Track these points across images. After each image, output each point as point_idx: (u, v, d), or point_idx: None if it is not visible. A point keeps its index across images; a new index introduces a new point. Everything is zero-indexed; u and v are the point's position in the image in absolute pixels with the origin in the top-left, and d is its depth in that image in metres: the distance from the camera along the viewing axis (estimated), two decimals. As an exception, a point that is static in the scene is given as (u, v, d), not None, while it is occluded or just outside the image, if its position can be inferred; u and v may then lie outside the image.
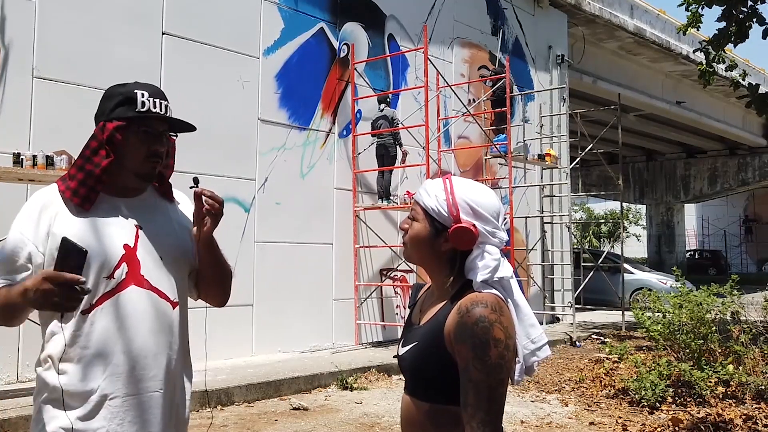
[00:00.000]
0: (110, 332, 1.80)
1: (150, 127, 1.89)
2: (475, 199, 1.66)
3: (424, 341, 1.66)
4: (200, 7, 8.03)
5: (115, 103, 1.87)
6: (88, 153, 1.86)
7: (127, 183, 1.92)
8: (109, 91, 1.92)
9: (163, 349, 1.87)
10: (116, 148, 1.86)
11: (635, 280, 16.03)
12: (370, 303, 9.83)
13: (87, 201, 1.84)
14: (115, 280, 1.82)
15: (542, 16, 14.06)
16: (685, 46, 18.22)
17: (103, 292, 1.80)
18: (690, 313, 7.08)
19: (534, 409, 6.48)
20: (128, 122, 1.86)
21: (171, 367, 1.90)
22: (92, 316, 1.78)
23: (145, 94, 1.87)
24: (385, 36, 10.47)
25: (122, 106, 1.86)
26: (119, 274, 1.82)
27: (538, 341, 1.65)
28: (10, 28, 6.46)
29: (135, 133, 1.87)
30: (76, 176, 1.85)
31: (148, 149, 1.88)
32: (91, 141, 1.87)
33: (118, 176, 1.89)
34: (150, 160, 1.89)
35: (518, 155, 11.72)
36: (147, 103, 1.87)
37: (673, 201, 30.00)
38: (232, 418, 6.01)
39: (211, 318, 6.72)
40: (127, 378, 1.81)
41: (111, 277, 1.81)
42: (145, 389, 1.84)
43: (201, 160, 7.48)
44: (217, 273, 2.04)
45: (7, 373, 6.20)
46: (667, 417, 6.00)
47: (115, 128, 1.85)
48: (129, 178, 1.91)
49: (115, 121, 1.85)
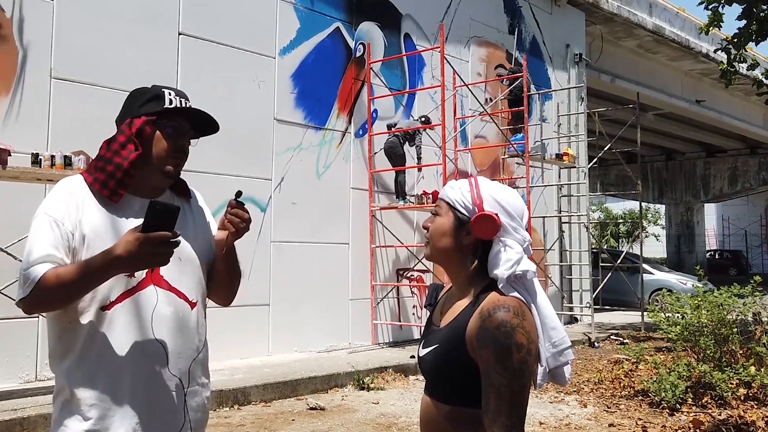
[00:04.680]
0: (129, 331, 1.79)
1: (176, 122, 1.93)
2: (501, 194, 1.67)
3: (445, 343, 1.64)
4: (216, 8, 8.05)
5: (143, 100, 1.91)
6: (116, 147, 1.87)
7: (151, 181, 1.92)
8: (135, 91, 1.96)
9: (181, 349, 1.87)
10: (144, 142, 1.88)
11: (654, 281, 15.87)
12: (387, 303, 9.81)
13: (115, 194, 1.85)
14: (135, 278, 1.82)
15: (560, 14, 13.96)
16: (705, 44, 18.03)
17: (123, 290, 1.80)
18: (710, 314, 7.00)
19: (553, 411, 6.43)
20: (157, 117, 1.89)
21: (189, 366, 1.90)
22: (111, 314, 1.78)
23: (171, 93, 1.93)
24: (401, 35, 10.44)
25: (150, 102, 1.90)
26: (139, 273, 1.82)
27: (560, 344, 1.63)
28: (28, 30, 6.50)
29: (162, 127, 1.90)
30: (105, 169, 1.85)
31: (174, 144, 1.91)
32: (118, 136, 1.89)
33: (143, 173, 1.90)
34: (175, 155, 1.92)
35: (536, 155, 11.63)
36: (174, 101, 1.92)
37: (693, 201, 29.71)
38: (249, 417, 6.01)
39: (228, 318, 6.76)
40: (145, 377, 1.80)
41: (131, 275, 1.81)
42: (164, 388, 1.83)
43: (217, 161, 7.50)
44: (230, 275, 2.05)
45: (25, 372, 6.24)
46: (687, 419, 5.93)
47: (144, 122, 1.87)
48: (154, 175, 1.91)
49: (143, 116, 1.88)
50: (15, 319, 5.96)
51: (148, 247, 1.63)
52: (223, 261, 2.01)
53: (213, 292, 2.07)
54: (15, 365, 6.18)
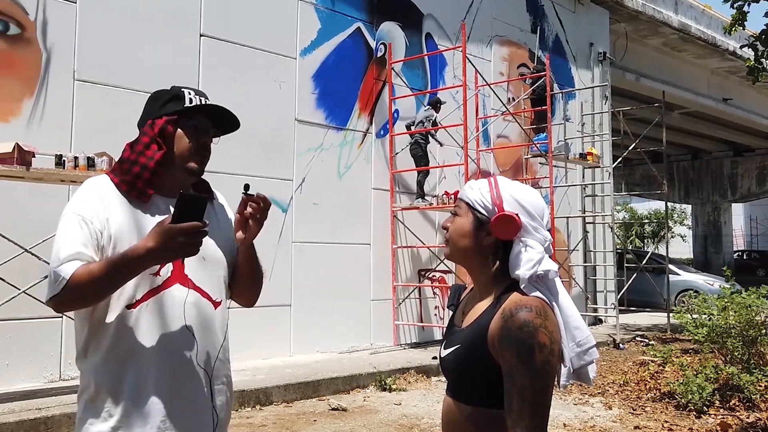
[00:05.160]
0: (154, 329, 1.81)
1: (198, 120, 1.95)
2: (521, 194, 1.65)
3: (467, 344, 1.64)
4: (237, 9, 8.07)
5: (164, 101, 1.93)
6: (140, 148, 1.89)
7: (175, 180, 1.93)
8: (155, 93, 1.99)
9: (205, 348, 1.88)
10: (167, 141, 1.90)
11: (681, 282, 15.65)
12: (409, 304, 9.77)
13: (144, 194, 1.87)
14: (161, 277, 1.83)
15: (583, 12, 13.83)
16: (732, 41, 17.76)
17: (148, 288, 1.81)
18: (737, 315, 6.89)
19: (577, 413, 6.35)
20: (178, 116, 1.91)
21: (213, 366, 1.91)
22: (137, 312, 1.80)
23: (191, 92, 1.95)
24: (422, 35, 10.40)
25: (170, 102, 1.93)
26: (165, 272, 1.84)
27: (584, 344, 1.62)
28: (51, 32, 6.57)
29: (185, 126, 1.92)
30: (131, 170, 1.87)
31: (197, 142, 1.93)
32: (141, 137, 1.91)
33: (168, 173, 1.91)
34: (198, 153, 1.94)
35: (559, 154, 11.52)
36: (194, 100, 1.94)
37: (720, 200, 29.27)
38: (270, 417, 6.01)
39: (249, 319, 6.77)
40: (171, 376, 1.81)
41: (157, 274, 1.83)
42: (188, 387, 1.84)
43: (238, 161, 7.52)
44: (251, 275, 2.05)
45: (50, 371, 6.30)
46: (715, 421, 5.83)
47: (166, 122, 1.89)
48: (178, 173, 1.93)
49: (164, 116, 1.90)
50: (39, 319, 6.02)
51: (179, 237, 1.65)
52: (245, 261, 2.02)
53: (236, 293, 2.08)
54: (39, 365, 6.24)
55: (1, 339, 6.03)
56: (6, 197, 6.03)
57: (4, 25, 6.29)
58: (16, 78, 6.34)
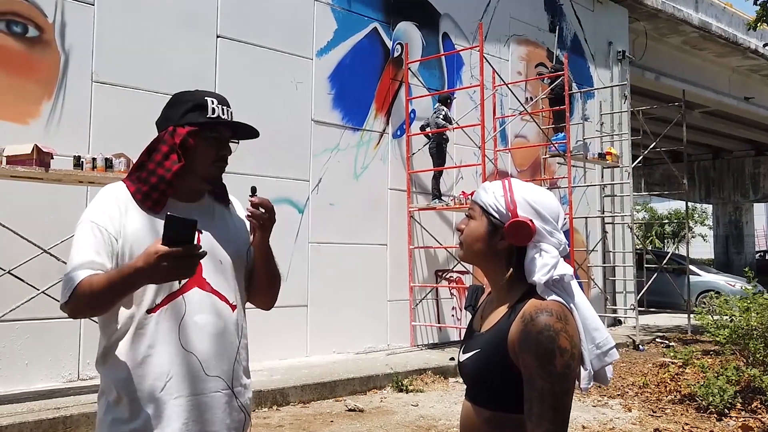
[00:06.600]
0: (174, 333, 1.82)
1: (219, 133, 1.94)
2: (535, 198, 1.64)
3: (486, 348, 1.64)
4: (254, 10, 8.08)
5: (185, 108, 1.91)
6: (159, 157, 1.89)
7: (192, 187, 1.95)
8: (176, 97, 1.97)
9: (224, 351, 1.90)
10: (187, 153, 1.89)
11: (702, 282, 15.48)
12: (426, 304, 9.73)
13: (158, 204, 1.88)
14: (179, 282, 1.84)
15: (602, 11, 13.72)
16: (754, 39, 17.55)
17: (167, 293, 1.83)
18: (760, 317, 6.80)
19: (596, 415, 6.28)
20: (200, 127, 1.90)
21: (231, 368, 1.92)
22: (157, 316, 1.82)
23: (214, 101, 1.93)
24: (439, 35, 10.36)
25: (193, 111, 1.91)
26: None
27: (604, 345, 1.62)
28: (70, 34, 6.61)
29: (205, 138, 1.91)
30: (149, 180, 1.88)
31: (216, 154, 1.93)
32: (160, 146, 1.90)
33: (185, 180, 1.92)
34: (217, 164, 1.95)
35: (578, 154, 11.43)
36: (217, 110, 1.92)
37: (742, 200, 28.90)
38: (287, 418, 6.01)
39: (266, 319, 6.75)
40: (190, 378, 1.83)
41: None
42: (208, 390, 1.86)
43: (255, 162, 7.53)
44: (268, 278, 2.06)
45: (68, 371, 6.34)
46: (736, 424, 5.75)
47: (187, 133, 1.88)
48: (195, 181, 1.94)
49: (187, 126, 1.89)
50: (58, 320, 6.05)
51: (167, 260, 1.62)
52: (261, 263, 2.02)
53: (254, 296, 2.09)
54: (58, 364, 6.28)
55: (21, 339, 6.08)
56: (25, 198, 6.08)
57: (22, 28, 6.34)
58: (35, 80, 6.38)
